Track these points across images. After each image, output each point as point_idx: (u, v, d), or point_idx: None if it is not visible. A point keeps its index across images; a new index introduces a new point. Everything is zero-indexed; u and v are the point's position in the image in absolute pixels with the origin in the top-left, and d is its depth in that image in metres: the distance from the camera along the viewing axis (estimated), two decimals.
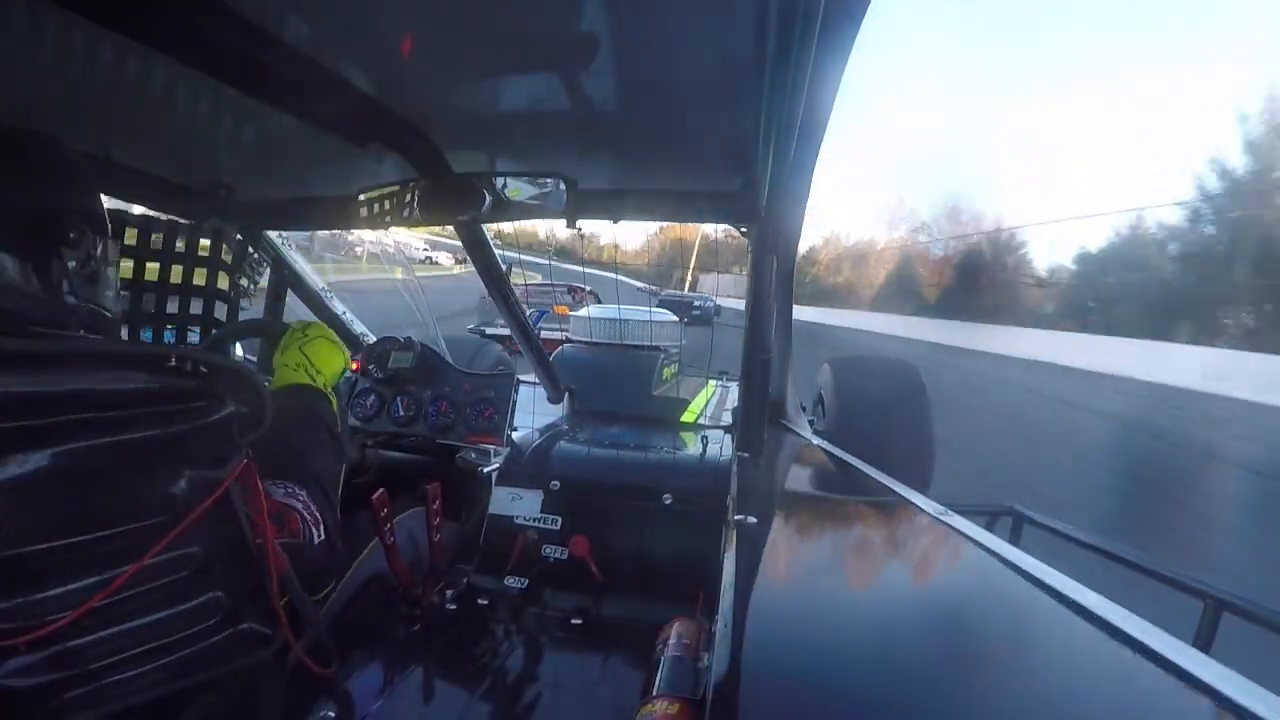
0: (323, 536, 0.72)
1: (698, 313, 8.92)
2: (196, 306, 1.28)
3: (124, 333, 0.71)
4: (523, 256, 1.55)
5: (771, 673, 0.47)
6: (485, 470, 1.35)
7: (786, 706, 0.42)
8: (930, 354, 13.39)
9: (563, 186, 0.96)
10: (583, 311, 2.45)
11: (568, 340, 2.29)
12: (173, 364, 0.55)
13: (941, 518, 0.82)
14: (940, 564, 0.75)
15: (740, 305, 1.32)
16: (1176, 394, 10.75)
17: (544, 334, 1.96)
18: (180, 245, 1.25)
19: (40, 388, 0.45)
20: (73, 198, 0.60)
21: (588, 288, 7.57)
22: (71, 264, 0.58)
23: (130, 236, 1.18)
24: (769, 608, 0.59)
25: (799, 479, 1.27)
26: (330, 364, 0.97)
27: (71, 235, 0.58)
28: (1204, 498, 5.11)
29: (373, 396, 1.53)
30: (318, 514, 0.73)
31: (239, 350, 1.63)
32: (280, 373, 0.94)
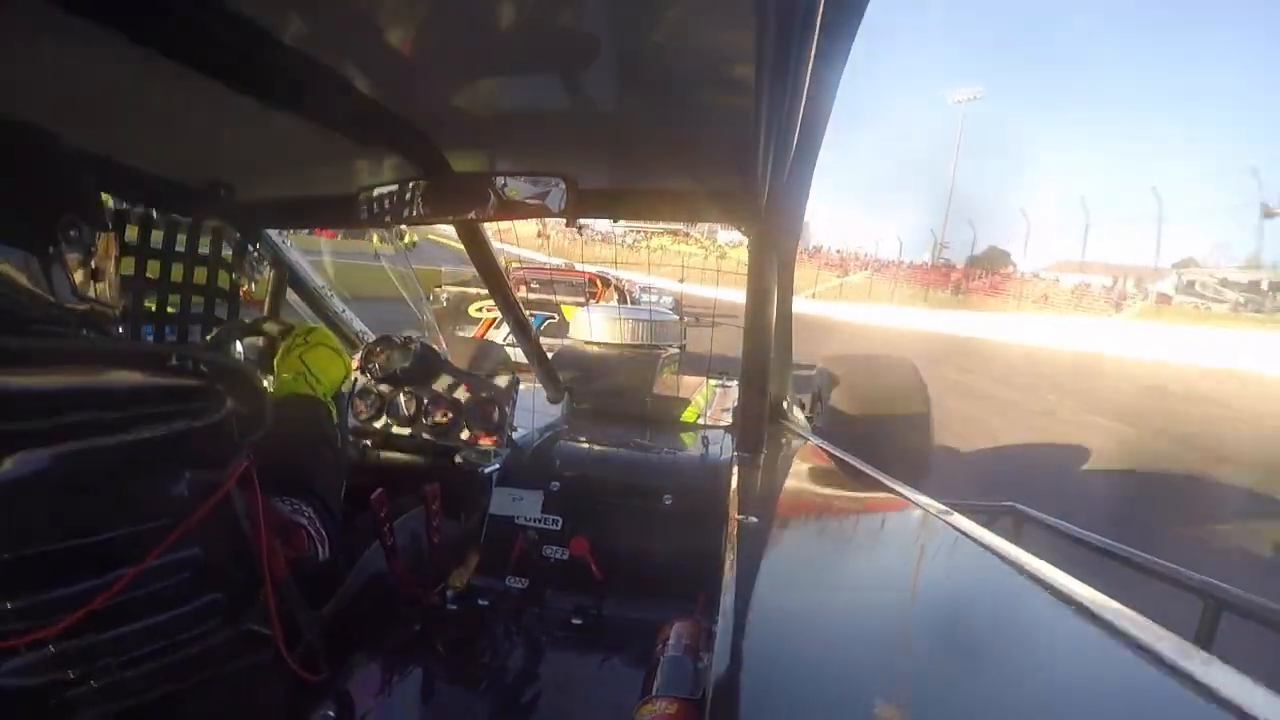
0: (327, 554, 0.74)
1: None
2: (197, 306, 1.28)
3: (124, 331, 0.71)
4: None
5: (771, 673, 0.47)
6: (485, 471, 1.34)
7: (786, 706, 0.42)
8: None
9: (563, 186, 0.97)
10: (582, 311, 2.45)
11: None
12: (173, 363, 0.55)
13: (942, 517, 0.82)
14: (941, 563, 0.75)
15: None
16: None
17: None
18: (180, 244, 1.25)
19: (40, 387, 0.45)
20: (72, 196, 0.60)
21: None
22: (72, 263, 0.58)
23: (130, 235, 1.18)
24: (769, 608, 0.59)
25: (799, 478, 1.27)
26: (330, 372, 0.96)
27: (72, 234, 0.58)
28: None
29: (373, 396, 1.53)
30: (323, 530, 0.74)
31: (239, 349, 1.63)
32: (280, 380, 0.93)
